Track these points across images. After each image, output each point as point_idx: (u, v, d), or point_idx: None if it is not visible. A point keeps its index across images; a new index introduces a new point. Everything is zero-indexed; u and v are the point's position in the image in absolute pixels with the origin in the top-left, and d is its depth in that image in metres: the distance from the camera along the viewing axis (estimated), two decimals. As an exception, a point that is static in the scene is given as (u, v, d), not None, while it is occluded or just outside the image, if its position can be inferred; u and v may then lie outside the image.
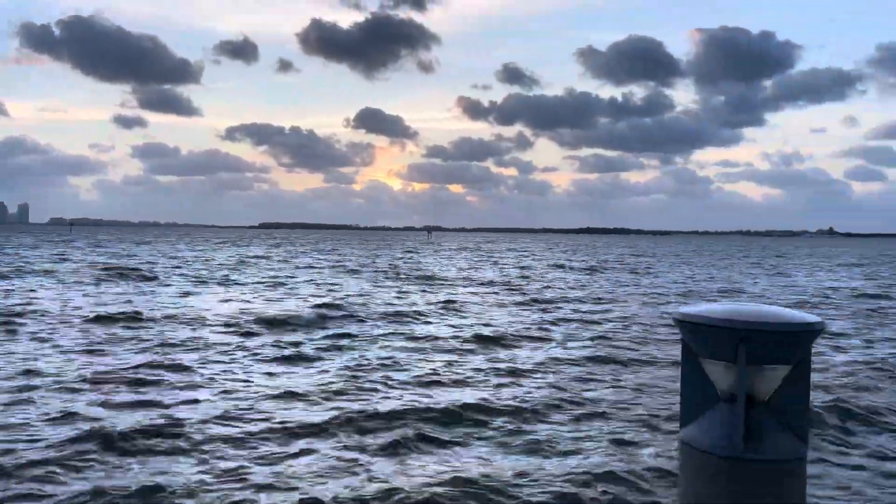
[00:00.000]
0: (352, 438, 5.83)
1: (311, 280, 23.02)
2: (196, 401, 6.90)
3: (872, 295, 20.69)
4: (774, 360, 1.75)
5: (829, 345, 10.87)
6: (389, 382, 7.92)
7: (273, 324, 12.28)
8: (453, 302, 16.87)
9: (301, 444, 5.66)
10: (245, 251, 48.60)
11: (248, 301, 16.12)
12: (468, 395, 7.35)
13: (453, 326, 12.62)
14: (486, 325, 12.93)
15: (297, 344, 10.37)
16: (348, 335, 11.29)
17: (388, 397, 7.22)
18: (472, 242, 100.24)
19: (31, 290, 17.34)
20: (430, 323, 13.04)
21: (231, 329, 11.65)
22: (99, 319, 12.32)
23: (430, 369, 8.73)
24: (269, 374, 8.30)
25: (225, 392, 7.27)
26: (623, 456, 5.48)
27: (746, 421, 1.75)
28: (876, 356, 10.01)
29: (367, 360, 9.22)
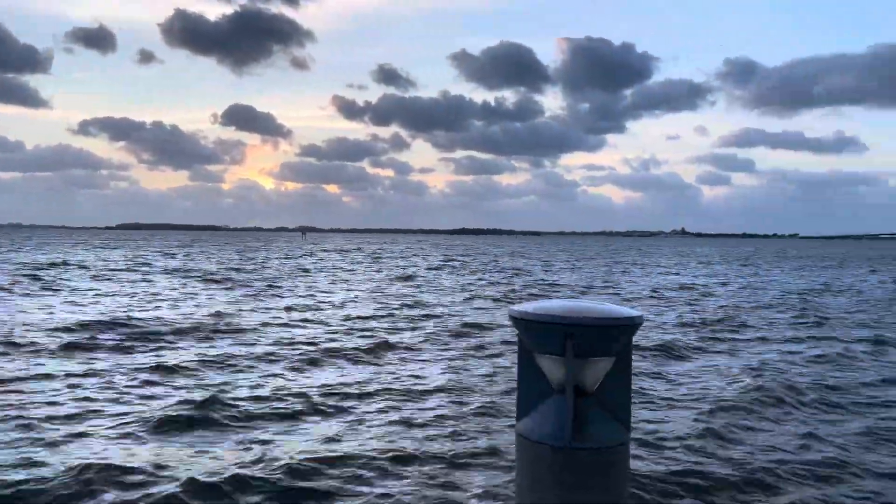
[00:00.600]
0: (213, 448, 5.63)
1: (178, 286, 21.91)
2: (61, 408, 6.40)
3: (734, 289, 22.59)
4: (599, 352, 1.86)
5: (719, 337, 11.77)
6: (250, 397, 7.73)
7: (135, 336, 11.56)
8: (329, 303, 16.66)
9: (149, 448, 5.40)
10: (101, 254, 45.42)
11: (105, 310, 15.05)
12: (348, 402, 7.32)
13: (328, 331, 12.46)
14: (365, 329, 12.87)
15: (160, 356, 9.85)
16: (218, 347, 10.87)
17: (251, 413, 7.05)
18: (352, 244, 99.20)
19: None
20: (303, 326, 12.78)
21: (86, 340, 10.83)
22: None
23: (299, 383, 8.61)
24: (129, 384, 7.83)
25: (87, 398, 6.80)
26: (468, 445, 5.70)
27: (575, 412, 1.85)
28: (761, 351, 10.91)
29: (240, 370, 8.94)
